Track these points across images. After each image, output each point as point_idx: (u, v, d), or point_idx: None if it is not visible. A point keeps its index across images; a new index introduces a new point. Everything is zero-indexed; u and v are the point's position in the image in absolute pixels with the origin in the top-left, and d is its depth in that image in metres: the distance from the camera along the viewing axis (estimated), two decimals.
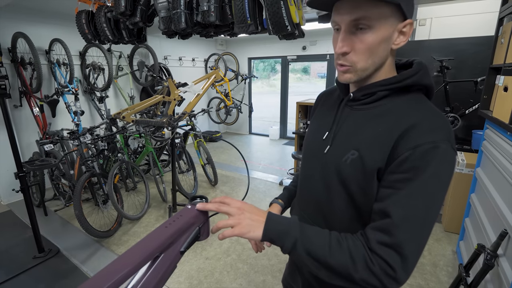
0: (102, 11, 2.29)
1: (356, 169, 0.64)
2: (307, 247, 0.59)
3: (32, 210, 2.34)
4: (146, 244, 0.56)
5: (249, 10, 1.59)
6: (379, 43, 0.61)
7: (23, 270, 2.25)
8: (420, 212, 0.56)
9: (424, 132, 0.57)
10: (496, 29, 1.93)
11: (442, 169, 0.56)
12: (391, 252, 0.55)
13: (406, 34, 0.63)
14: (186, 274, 2.21)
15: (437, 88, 3.18)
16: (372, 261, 0.56)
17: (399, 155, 0.58)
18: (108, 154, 3.31)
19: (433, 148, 0.55)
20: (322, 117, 0.81)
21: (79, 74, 4.01)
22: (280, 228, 0.61)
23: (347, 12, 0.60)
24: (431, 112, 0.62)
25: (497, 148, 1.79)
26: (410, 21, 0.62)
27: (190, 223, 0.64)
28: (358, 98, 0.70)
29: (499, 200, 1.66)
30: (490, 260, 1.47)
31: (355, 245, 0.59)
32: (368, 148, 0.63)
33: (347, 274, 0.57)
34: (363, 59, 0.62)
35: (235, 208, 0.62)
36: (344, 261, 0.57)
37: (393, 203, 0.57)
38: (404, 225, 0.55)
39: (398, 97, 0.66)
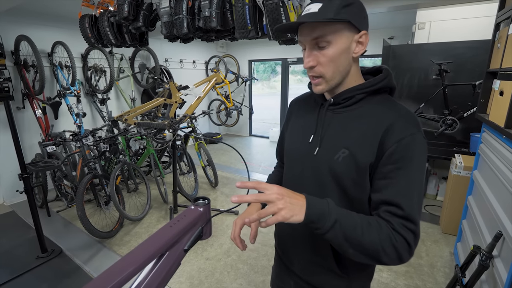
0: (105, 16, 2.33)
1: (348, 165, 0.73)
2: (343, 228, 0.64)
3: (35, 210, 2.37)
4: (153, 243, 0.59)
5: (250, 16, 1.63)
6: (339, 54, 0.71)
7: (27, 270, 2.28)
8: (417, 194, 0.68)
9: (403, 127, 0.69)
10: (493, 34, 1.96)
11: (422, 154, 0.69)
12: (409, 232, 0.66)
13: (364, 43, 0.73)
14: (187, 274, 2.24)
15: (435, 91, 3.22)
16: (396, 239, 0.65)
17: (387, 149, 0.68)
18: (110, 156, 3.34)
19: (413, 139, 0.68)
20: (302, 122, 0.89)
21: (81, 76, 4.05)
22: (320, 211, 0.64)
23: (307, 34, 0.72)
24: (403, 110, 0.74)
25: (493, 151, 1.82)
26: (364, 32, 0.72)
27: (194, 223, 0.68)
28: (338, 102, 0.79)
29: (495, 202, 1.69)
30: (485, 261, 1.50)
31: (380, 226, 0.66)
32: (357, 146, 0.72)
33: (375, 251, 0.65)
34: (328, 69, 0.73)
35: (275, 195, 0.63)
36: (373, 239, 0.64)
37: (397, 190, 0.67)
38: (409, 205, 0.66)
39: (371, 98, 0.77)
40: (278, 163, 1.13)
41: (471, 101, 2.98)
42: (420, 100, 3.40)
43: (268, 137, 6.66)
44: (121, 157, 3.03)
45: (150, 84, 4.54)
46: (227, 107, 6.19)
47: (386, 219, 0.67)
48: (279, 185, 0.66)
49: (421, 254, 2.44)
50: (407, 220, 0.66)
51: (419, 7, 3.07)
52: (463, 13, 3.20)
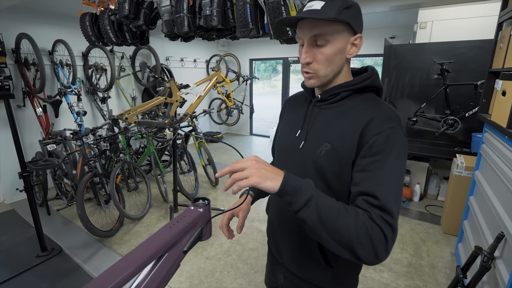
0: (106, 14, 2.32)
1: (330, 159, 0.75)
2: (318, 206, 0.62)
3: (35, 209, 2.37)
4: (152, 244, 0.58)
5: (251, 14, 1.62)
6: (336, 54, 0.74)
7: (26, 268, 2.28)
8: (395, 186, 0.67)
9: (383, 121, 0.70)
10: (496, 34, 1.95)
11: (401, 148, 0.69)
12: (386, 224, 0.63)
13: (358, 45, 0.76)
14: (187, 274, 2.24)
15: (437, 91, 3.20)
16: (372, 229, 0.62)
17: (366, 141, 0.69)
18: (110, 155, 3.34)
19: (392, 132, 0.69)
20: (292, 118, 0.92)
21: (82, 74, 4.04)
22: (297, 185, 0.63)
23: (307, 30, 0.73)
24: (385, 107, 0.75)
25: (495, 151, 1.81)
26: (360, 35, 0.75)
27: (193, 223, 0.67)
28: (325, 98, 0.81)
29: (497, 203, 1.68)
30: (487, 262, 1.49)
31: (357, 213, 0.64)
32: (338, 140, 0.75)
33: (350, 239, 0.61)
34: (323, 67, 0.75)
35: (249, 161, 0.64)
36: (349, 225, 0.61)
37: (374, 181, 0.66)
38: (387, 200, 0.64)
39: (357, 96, 0.79)
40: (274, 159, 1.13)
41: (473, 101, 2.97)
42: (421, 99, 3.39)
43: (269, 136, 6.66)
44: (122, 156, 3.02)
45: (151, 83, 4.53)
46: (228, 106, 6.18)
47: (364, 208, 0.65)
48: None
49: (422, 255, 2.44)
50: (383, 210, 0.63)
51: (421, 6, 3.05)
52: (465, 12, 3.18)
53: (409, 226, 2.89)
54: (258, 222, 2.96)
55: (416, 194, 3.39)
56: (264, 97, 12.51)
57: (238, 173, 0.63)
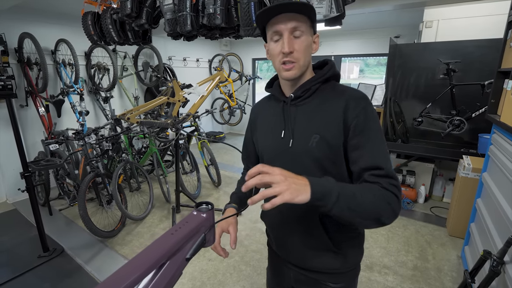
0: (108, 13, 2.29)
1: (322, 147, 0.82)
2: (345, 200, 0.69)
3: (37, 209, 2.35)
4: (152, 252, 0.56)
5: (255, 12, 1.59)
6: (308, 46, 0.82)
7: (28, 269, 2.27)
8: (384, 152, 0.79)
9: (356, 103, 0.80)
10: (505, 33, 1.90)
11: (376, 118, 0.81)
12: (393, 186, 0.74)
13: (317, 43, 0.87)
14: (189, 276, 2.22)
15: (443, 91, 3.16)
16: (388, 196, 0.73)
17: (350, 125, 0.79)
18: (113, 155, 3.32)
19: (366, 110, 0.80)
20: (270, 122, 0.96)
21: (84, 74, 4.04)
22: (324, 188, 0.68)
23: (288, 21, 0.78)
24: (351, 90, 0.85)
25: (504, 153, 1.77)
26: (318, 35, 0.86)
27: (196, 230, 0.64)
28: (298, 95, 0.88)
29: (506, 206, 1.64)
30: (496, 267, 1.45)
31: (372, 188, 0.74)
32: (325, 129, 0.82)
33: (374, 212, 0.71)
34: (303, 56, 0.82)
35: (278, 176, 0.65)
36: (371, 202, 0.71)
37: (371, 155, 0.77)
38: (386, 164, 0.77)
39: (324, 87, 0.87)
40: (245, 168, 1.16)
41: (480, 102, 2.92)
42: (427, 100, 3.34)
43: None
44: (124, 156, 3.01)
45: (154, 83, 4.51)
46: (231, 106, 6.15)
47: (373, 181, 0.75)
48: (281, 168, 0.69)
49: (427, 257, 2.39)
50: (389, 177, 0.75)
51: (426, 5, 3.00)
52: (472, 11, 3.13)
53: (414, 228, 2.84)
54: (261, 223, 2.93)
55: (421, 196, 3.34)
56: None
57: (269, 190, 0.64)
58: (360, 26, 4.67)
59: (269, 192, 0.63)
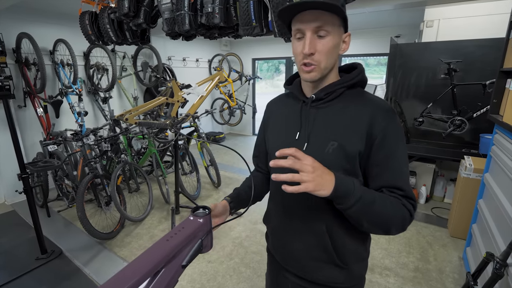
0: (106, 12, 2.27)
1: (338, 156, 0.77)
2: (365, 204, 0.70)
3: (35, 211, 2.33)
4: (147, 259, 0.54)
5: (254, 12, 1.56)
6: (334, 47, 0.76)
7: (26, 271, 2.24)
8: (406, 172, 0.78)
9: (384, 116, 0.76)
10: (507, 32, 1.88)
11: (402, 134, 0.78)
12: (410, 205, 0.75)
13: (347, 43, 0.80)
14: (189, 278, 2.19)
15: (444, 91, 3.14)
16: (404, 212, 0.74)
17: (375, 139, 0.75)
18: (111, 155, 3.30)
19: (394, 125, 0.76)
20: (284, 121, 0.91)
21: (83, 74, 4.01)
22: (347, 189, 0.69)
23: (311, 20, 0.72)
24: (378, 100, 0.80)
25: (507, 154, 1.75)
26: (349, 34, 0.79)
27: (193, 235, 0.62)
28: (321, 97, 0.82)
29: (509, 207, 1.61)
30: (499, 269, 1.43)
31: (392, 202, 0.74)
32: (344, 137, 0.77)
33: (387, 223, 0.73)
34: (325, 59, 0.76)
35: (309, 166, 0.66)
36: (388, 213, 0.72)
37: (393, 174, 0.76)
38: (406, 185, 0.76)
39: (349, 92, 0.82)
40: (255, 167, 1.11)
41: (481, 101, 2.90)
42: (427, 100, 3.32)
43: None
44: (123, 157, 2.98)
45: (153, 83, 4.49)
46: (230, 106, 6.13)
47: (393, 197, 0.75)
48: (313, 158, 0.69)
49: (429, 259, 2.37)
50: (408, 197, 0.75)
51: (427, 4, 2.98)
52: (473, 10, 3.11)
53: (415, 229, 2.82)
54: (261, 224, 2.91)
55: (422, 196, 3.32)
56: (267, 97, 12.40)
57: (296, 176, 0.65)
58: (361, 25, 4.64)
59: (297, 178, 0.65)
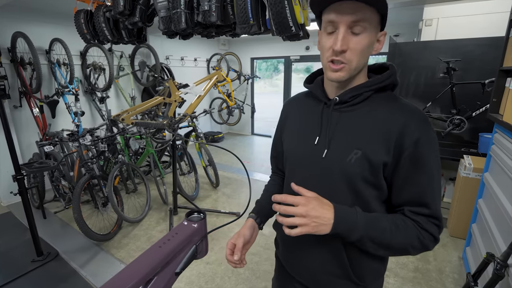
0: (101, 11, 2.24)
1: (361, 166, 0.70)
2: (372, 237, 0.67)
3: (30, 213, 2.30)
4: (138, 267, 0.51)
5: (252, 10, 1.54)
6: (368, 46, 0.68)
7: (21, 274, 2.21)
8: (438, 190, 0.70)
9: (417, 126, 0.68)
10: (507, 31, 1.86)
11: (436, 150, 0.70)
12: (434, 226, 0.69)
13: (382, 42, 0.72)
14: (186, 280, 2.17)
15: (443, 90, 3.12)
16: (423, 236, 0.69)
17: (405, 150, 0.67)
18: (109, 156, 3.27)
19: (428, 138, 0.68)
20: (303, 123, 0.84)
21: (80, 74, 3.97)
22: (348, 226, 0.66)
23: (349, 13, 0.63)
24: (411, 107, 0.71)
25: (507, 153, 1.73)
26: (385, 32, 0.72)
27: (187, 241, 0.60)
28: (345, 100, 0.74)
29: (509, 207, 1.60)
30: (500, 270, 1.41)
31: (408, 226, 0.69)
32: (370, 146, 0.70)
33: (404, 249, 0.69)
34: (356, 58, 0.68)
35: (301, 210, 0.64)
36: (402, 241, 0.68)
37: (420, 191, 0.69)
38: (434, 203, 0.69)
39: (377, 96, 0.74)
40: (273, 170, 1.06)
41: (480, 100, 2.89)
42: (426, 99, 3.30)
43: (271, 136, 6.58)
44: (120, 157, 2.95)
45: (151, 82, 4.46)
46: (229, 106, 6.10)
47: (412, 218, 0.70)
48: (308, 195, 0.67)
49: (428, 259, 2.36)
50: (433, 217, 0.69)
51: (426, 3, 2.96)
52: (472, 9, 3.09)
53: None
54: None
55: None
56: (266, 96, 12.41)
57: (291, 219, 0.65)
58: None
59: (290, 221, 0.64)
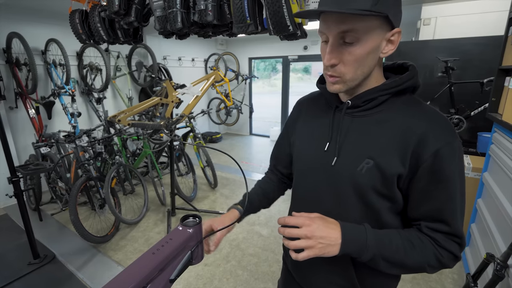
0: (96, 11, 2.22)
1: (373, 177, 0.65)
2: (384, 256, 0.63)
3: (26, 215, 2.27)
4: (130, 276, 0.49)
5: (249, 9, 1.52)
6: (367, 54, 0.61)
7: (17, 277, 2.19)
8: (460, 206, 0.63)
9: (438, 136, 0.60)
10: (506, 30, 1.85)
11: (461, 163, 0.62)
12: (454, 244, 0.64)
13: (395, 42, 0.63)
14: (184, 282, 2.15)
15: (441, 89, 3.12)
16: (441, 255, 0.63)
17: (423, 162, 0.60)
18: (106, 157, 3.25)
19: (450, 149, 0.60)
20: (314, 127, 0.79)
21: (76, 75, 3.94)
22: (357, 247, 0.62)
23: (334, 25, 0.59)
24: (434, 114, 0.64)
25: (506, 152, 1.72)
26: (398, 30, 0.62)
27: (182, 247, 0.58)
28: (358, 105, 0.69)
29: (509, 207, 1.59)
30: (500, 270, 1.40)
31: (424, 244, 0.64)
32: (383, 155, 0.64)
33: (421, 268, 0.64)
34: (351, 70, 0.62)
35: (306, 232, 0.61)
36: (418, 260, 0.63)
37: (439, 207, 0.63)
38: (454, 220, 0.63)
39: (395, 100, 0.67)
40: (271, 168, 1.01)
41: (479, 100, 2.88)
42: (425, 98, 3.29)
43: (269, 136, 6.56)
44: (117, 158, 2.93)
45: (148, 83, 4.43)
46: (227, 106, 6.08)
47: (430, 235, 0.64)
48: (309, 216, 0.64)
49: None
50: (453, 235, 0.64)
51: (424, 2, 2.95)
52: (470, 8, 3.09)
53: None
54: (259, 226, 2.87)
55: None
56: (264, 96, 12.40)
57: (296, 242, 0.61)
58: None
59: (296, 245, 0.61)
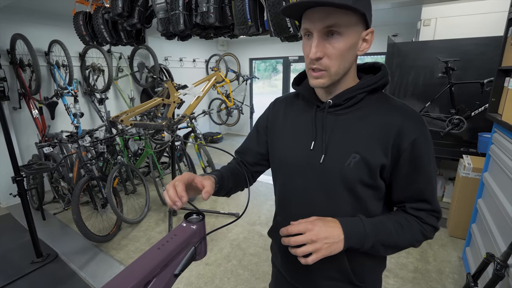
0: (100, 12, 2.24)
1: (360, 170, 0.70)
2: (382, 241, 0.70)
3: (30, 214, 2.30)
4: (137, 269, 0.51)
5: (250, 11, 1.54)
6: (348, 49, 0.66)
7: (20, 275, 2.21)
8: (435, 185, 0.74)
9: (413, 128, 0.69)
10: (505, 30, 1.86)
11: (432, 148, 0.72)
12: (434, 218, 0.74)
13: (369, 41, 0.69)
14: (186, 281, 2.17)
15: (442, 89, 3.12)
16: (425, 230, 0.73)
17: (403, 152, 0.69)
18: (108, 157, 3.27)
19: (424, 137, 0.69)
20: (295, 127, 0.81)
21: (79, 75, 3.97)
22: (359, 238, 0.68)
23: (319, 20, 0.63)
24: (404, 107, 0.73)
25: (506, 153, 1.73)
26: (372, 30, 0.69)
27: (185, 243, 0.60)
28: (339, 103, 0.73)
29: (509, 207, 1.60)
30: (500, 270, 1.41)
31: (410, 223, 0.73)
32: (367, 149, 0.70)
33: (410, 244, 0.74)
34: (335, 64, 0.67)
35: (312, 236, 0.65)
36: (408, 238, 0.73)
37: (420, 188, 0.72)
38: (433, 198, 0.73)
39: (370, 97, 0.74)
40: (238, 159, 1.01)
41: (479, 100, 2.89)
42: (425, 99, 3.31)
43: None
44: (119, 158, 2.95)
45: (150, 83, 4.46)
46: (228, 106, 6.10)
47: (414, 214, 0.74)
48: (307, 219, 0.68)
49: (428, 259, 2.36)
50: (433, 211, 0.73)
51: (424, 3, 2.97)
52: (470, 9, 3.10)
53: None
54: (260, 225, 2.88)
55: None
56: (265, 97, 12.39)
57: (303, 248, 0.65)
58: None
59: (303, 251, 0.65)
